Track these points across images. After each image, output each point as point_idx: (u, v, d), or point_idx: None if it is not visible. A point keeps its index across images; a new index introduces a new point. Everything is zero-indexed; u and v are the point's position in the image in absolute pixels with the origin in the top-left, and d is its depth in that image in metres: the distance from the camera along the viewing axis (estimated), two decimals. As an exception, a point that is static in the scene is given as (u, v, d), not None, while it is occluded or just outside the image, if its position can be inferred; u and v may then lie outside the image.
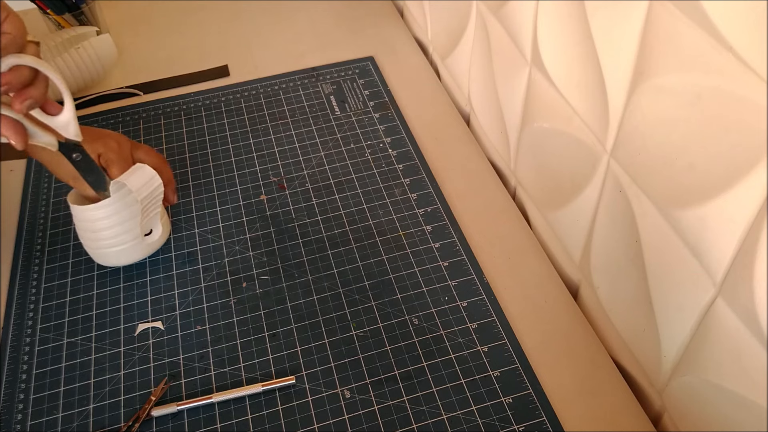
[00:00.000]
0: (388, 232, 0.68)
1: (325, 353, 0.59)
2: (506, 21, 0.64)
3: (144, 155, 0.64)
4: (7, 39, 0.46)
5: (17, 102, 0.48)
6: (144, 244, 0.63)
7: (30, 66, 0.48)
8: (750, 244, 0.37)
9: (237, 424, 0.54)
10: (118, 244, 0.61)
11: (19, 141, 0.50)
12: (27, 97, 0.48)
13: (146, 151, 0.64)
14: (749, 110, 0.35)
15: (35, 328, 0.62)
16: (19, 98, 0.48)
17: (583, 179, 0.56)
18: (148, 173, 0.61)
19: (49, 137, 0.53)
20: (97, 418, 0.55)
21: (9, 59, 0.46)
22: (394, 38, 0.95)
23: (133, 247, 0.62)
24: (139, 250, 0.63)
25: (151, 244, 0.64)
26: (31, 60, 0.48)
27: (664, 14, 0.40)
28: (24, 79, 0.48)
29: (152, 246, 0.65)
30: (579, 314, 0.61)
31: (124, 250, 0.62)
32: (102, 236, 0.61)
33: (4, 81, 0.46)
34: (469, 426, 0.53)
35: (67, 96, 0.52)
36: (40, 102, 0.50)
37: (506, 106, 0.69)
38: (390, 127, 0.80)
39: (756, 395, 0.40)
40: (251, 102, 0.85)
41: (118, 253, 0.62)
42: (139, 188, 0.60)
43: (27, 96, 0.48)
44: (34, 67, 0.48)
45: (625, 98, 0.46)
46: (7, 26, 0.46)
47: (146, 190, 0.60)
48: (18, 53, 0.47)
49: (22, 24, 0.48)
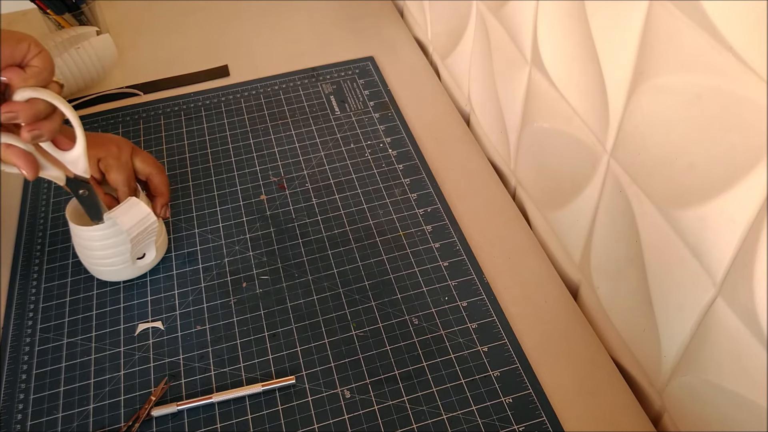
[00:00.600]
0: (388, 232, 0.68)
1: (325, 353, 0.59)
2: (506, 21, 0.64)
3: (142, 162, 0.64)
4: (33, 71, 0.49)
5: (25, 131, 0.49)
6: (135, 266, 0.63)
7: (46, 101, 0.49)
8: (750, 244, 0.37)
9: (237, 424, 0.54)
10: (109, 265, 0.62)
11: (30, 171, 0.51)
12: (36, 128, 0.49)
13: (144, 158, 0.64)
14: (749, 110, 0.35)
15: (35, 328, 0.62)
16: (28, 128, 0.49)
17: (583, 179, 0.56)
18: (143, 211, 0.60)
19: (57, 171, 0.54)
20: (97, 418, 0.55)
21: (26, 92, 0.48)
22: (394, 38, 0.95)
23: (124, 269, 0.63)
24: (130, 272, 0.63)
25: (143, 267, 0.64)
26: (47, 94, 0.49)
27: (664, 14, 0.40)
28: (37, 112, 0.49)
29: (144, 268, 0.65)
30: (579, 314, 0.61)
31: (116, 270, 0.62)
32: (95, 255, 0.61)
33: (13, 109, 0.48)
34: (469, 426, 0.53)
35: (80, 133, 0.53)
36: (49, 136, 0.51)
37: (506, 106, 0.69)
38: (390, 127, 0.80)
39: (756, 395, 0.40)
40: (251, 102, 0.85)
41: (109, 272, 0.63)
42: (131, 227, 0.60)
43: (36, 127, 0.49)
44: (50, 101, 0.50)
45: (625, 98, 0.46)
46: (37, 61, 0.49)
47: (138, 228, 0.60)
48: (37, 87, 0.49)
49: (52, 63, 0.50)
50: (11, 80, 0.48)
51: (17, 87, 0.48)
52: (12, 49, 0.48)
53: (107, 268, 0.62)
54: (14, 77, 0.48)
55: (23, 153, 0.51)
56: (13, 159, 0.51)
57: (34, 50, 0.49)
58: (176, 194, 0.73)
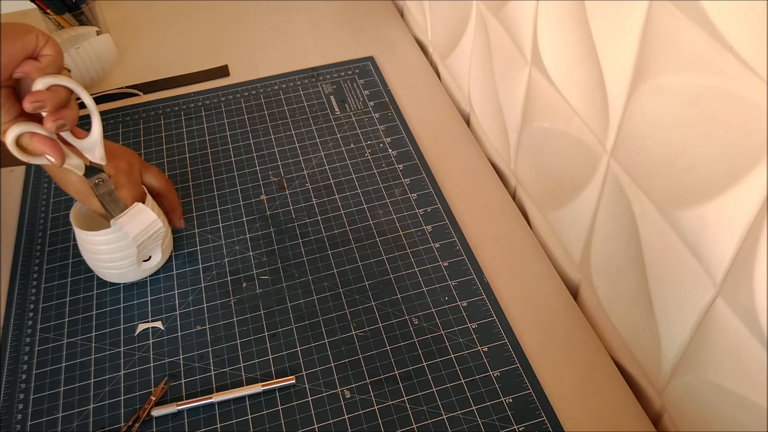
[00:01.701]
0: (388, 232, 0.68)
1: (325, 353, 0.59)
2: (506, 21, 0.64)
3: (152, 178, 0.64)
4: (47, 60, 0.48)
5: (49, 120, 0.49)
6: (141, 269, 0.63)
7: (66, 87, 0.49)
8: (750, 244, 0.37)
9: (237, 424, 0.54)
10: (114, 268, 0.62)
11: (57, 158, 0.51)
12: (60, 117, 0.49)
13: (155, 175, 0.64)
14: (749, 110, 0.35)
15: (35, 328, 0.62)
16: (52, 117, 0.49)
17: (583, 179, 0.56)
18: (149, 218, 0.60)
19: (77, 160, 0.55)
20: (97, 418, 0.55)
21: (48, 79, 0.48)
22: (394, 38, 0.95)
23: (130, 271, 0.63)
24: (135, 274, 0.63)
25: (149, 269, 0.64)
26: (68, 81, 0.49)
27: (664, 14, 0.40)
28: (60, 99, 0.49)
29: (149, 270, 0.65)
30: (579, 314, 0.61)
31: (121, 273, 0.62)
32: (100, 258, 0.61)
33: (40, 98, 0.48)
34: (469, 426, 0.53)
35: (96, 119, 0.53)
36: (71, 124, 0.51)
37: (506, 106, 0.69)
38: (390, 127, 0.80)
39: (756, 395, 0.40)
40: (251, 102, 0.85)
41: (115, 274, 0.63)
42: (137, 234, 0.60)
43: (60, 116, 0.49)
44: (69, 87, 0.49)
45: (625, 98, 0.46)
46: (48, 49, 0.49)
47: (144, 235, 0.60)
48: (56, 74, 0.49)
49: (60, 49, 0.50)
50: (29, 73, 0.48)
51: (35, 79, 0.48)
52: (23, 42, 0.47)
53: (113, 271, 0.62)
54: (31, 70, 0.48)
55: (49, 140, 0.51)
56: (40, 147, 0.50)
57: (42, 39, 0.48)
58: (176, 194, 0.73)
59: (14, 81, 0.49)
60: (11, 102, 0.49)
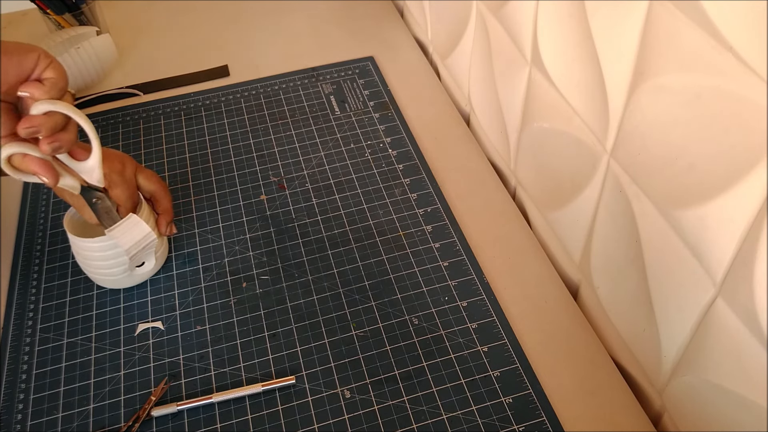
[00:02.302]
0: (388, 232, 0.68)
1: (325, 353, 0.59)
2: (506, 21, 0.64)
3: (145, 180, 0.63)
4: (50, 83, 0.48)
5: (45, 143, 0.49)
6: (134, 275, 0.63)
7: (63, 113, 0.49)
8: (750, 244, 0.37)
9: (237, 424, 0.54)
10: (107, 274, 0.62)
11: (50, 178, 0.51)
12: (55, 140, 0.49)
13: (148, 177, 0.64)
14: (749, 110, 0.35)
15: (35, 328, 0.62)
16: (48, 140, 0.49)
17: (583, 179, 0.56)
18: (143, 230, 0.60)
19: (73, 181, 0.55)
20: (97, 418, 0.55)
21: (44, 105, 0.48)
22: (394, 38, 0.95)
23: (124, 278, 0.62)
24: (129, 280, 0.63)
25: (143, 275, 0.64)
26: (64, 107, 0.49)
27: (664, 14, 0.40)
28: (55, 124, 0.49)
29: (143, 277, 0.64)
30: (579, 314, 0.61)
31: (114, 279, 0.62)
32: (93, 264, 0.61)
33: (34, 123, 0.48)
34: (469, 426, 0.53)
35: (95, 143, 0.53)
36: (67, 147, 0.51)
37: (506, 106, 0.69)
38: (390, 127, 0.80)
39: (756, 395, 0.40)
40: (251, 102, 0.85)
41: (108, 281, 0.63)
42: (130, 247, 0.60)
43: (55, 139, 0.49)
44: (66, 114, 0.49)
45: (625, 98, 0.46)
46: (50, 72, 0.48)
47: (137, 248, 0.60)
48: (55, 99, 0.48)
49: (64, 71, 0.50)
50: (33, 95, 0.48)
51: (38, 100, 0.48)
52: (20, 59, 0.47)
53: (106, 278, 0.62)
54: (35, 91, 0.48)
55: (41, 161, 0.51)
56: (32, 167, 0.50)
57: (44, 61, 0.48)
58: (176, 194, 0.73)
59: (15, 98, 0.49)
60: (9, 117, 0.48)
